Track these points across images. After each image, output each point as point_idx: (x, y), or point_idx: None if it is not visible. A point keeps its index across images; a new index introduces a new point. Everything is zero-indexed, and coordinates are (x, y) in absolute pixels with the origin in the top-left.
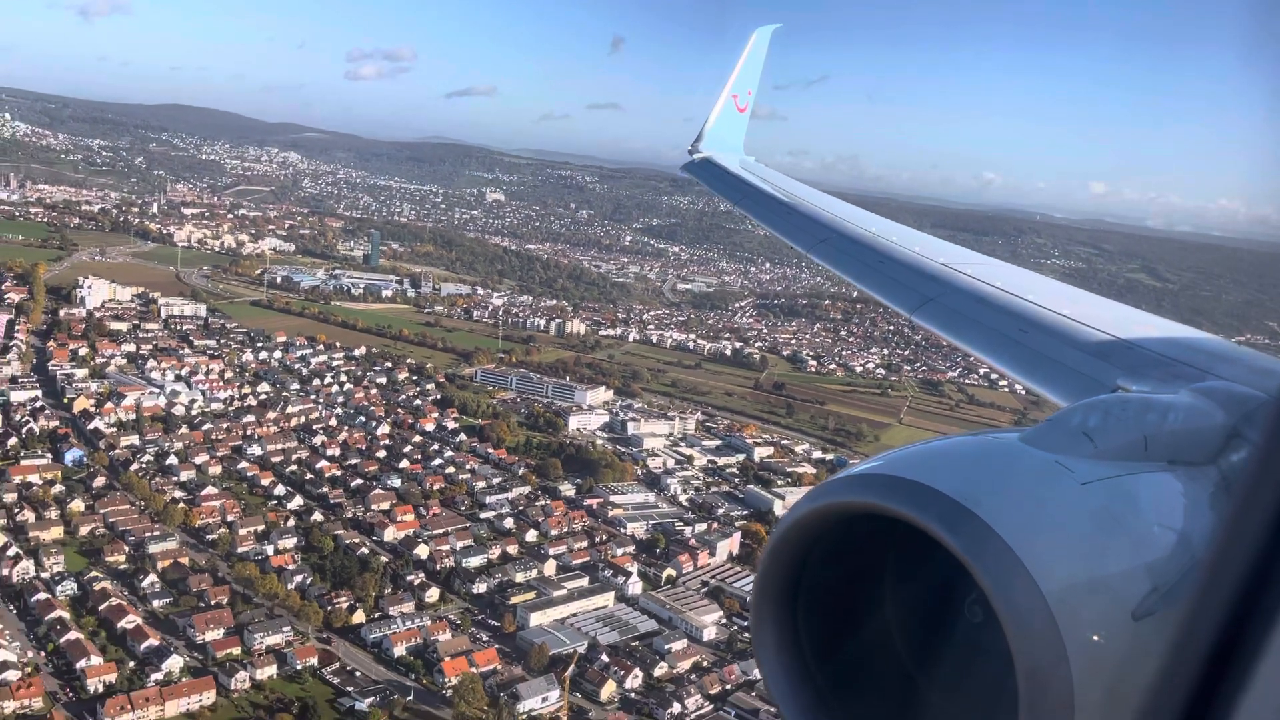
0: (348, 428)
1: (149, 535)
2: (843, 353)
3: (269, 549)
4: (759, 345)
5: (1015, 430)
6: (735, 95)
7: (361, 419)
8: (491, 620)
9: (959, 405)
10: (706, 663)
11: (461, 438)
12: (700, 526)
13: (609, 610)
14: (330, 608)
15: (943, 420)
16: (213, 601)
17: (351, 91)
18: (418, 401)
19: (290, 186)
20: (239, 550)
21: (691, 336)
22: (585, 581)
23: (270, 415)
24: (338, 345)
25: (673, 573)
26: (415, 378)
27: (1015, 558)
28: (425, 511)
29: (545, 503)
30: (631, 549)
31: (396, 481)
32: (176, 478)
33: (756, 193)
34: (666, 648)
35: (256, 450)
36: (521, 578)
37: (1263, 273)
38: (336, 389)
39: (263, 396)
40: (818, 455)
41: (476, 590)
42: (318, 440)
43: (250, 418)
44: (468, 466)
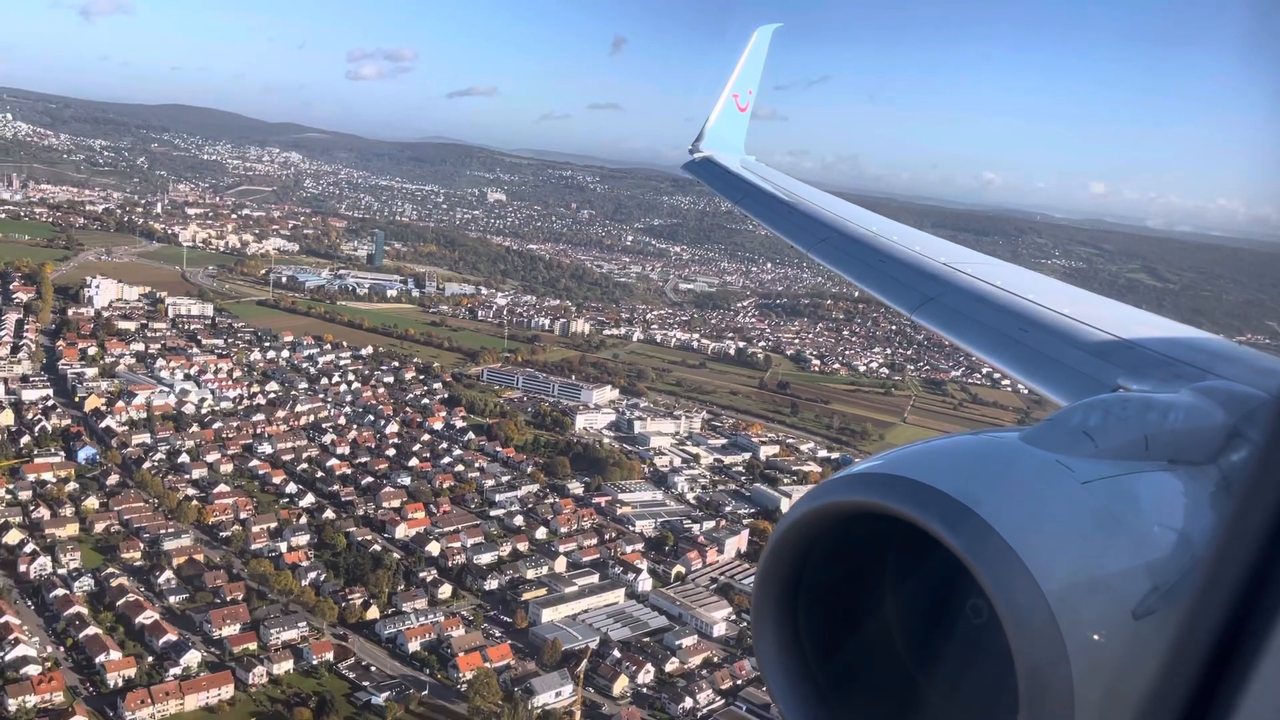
0: (357, 426)
1: (164, 532)
2: (846, 352)
3: (282, 546)
4: (762, 345)
5: (1016, 429)
6: (736, 95)
7: (370, 418)
8: (504, 616)
9: (962, 404)
10: (717, 658)
11: (470, 436)
12: (708, 524)
13: (620, 607)
14: (344, 604)
15: (947, 419)
16: (228, 597)
17: (352, 91)
18: (425, 400)
19: (292, 187)
20: (252, 547)
21: (695, 336)
22: (595, 578)
23: (280, 414)
24: (344, 345)
25: (682, 570)
26: (422, 377)
27: (1016, 557)
28: (436, 509)
29: (554, 500)
30: (640, 546)
31: (406, 479)
32: (189, 476)
33: (757, 192)
34: (677, 643)
35: (267, 448)
36: (532, 574)
37: (1263, 272)
38: (345, 388)
39: (272, 395)
40: (823, 454)
41: (488, 587)
42: (327, 439)
43: (260, 416)
44: (476, 465)
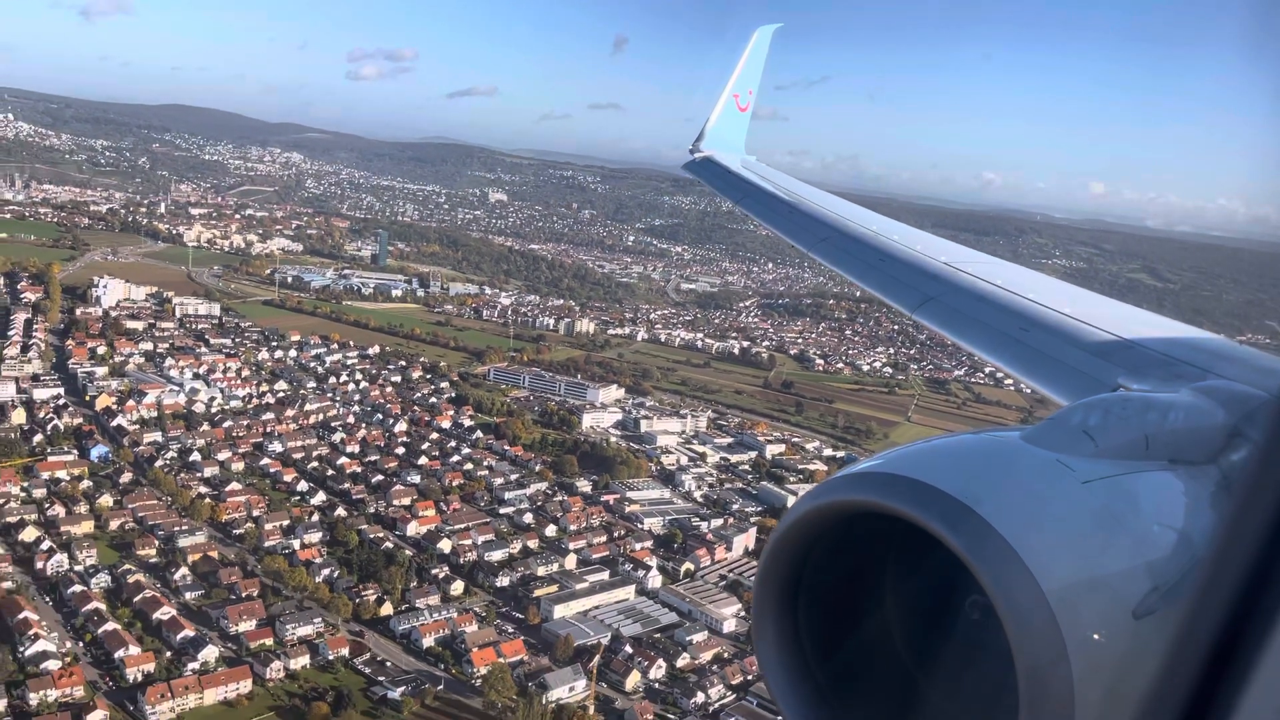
0: (366, 425)
1: (178, 529)
2: (849, 352)
3: (295, 543)
4: (766, 344)
5: (1016, 429)
6: (736, 95)
7: (379, 416)
8: (516, 613)
9: (966, 404)
10: (727, 654)
11: (478, 435)
12: (716, 522)
13: (630, 603)
14: (358, 600)
15: (950, 418)
16: (243, 594)
17: (353, 92)
18: (433, 399)
19: (294, 187)
20: (266, 544)
21: (699, 335)
22: (606, 575)
23: (289, 413)
24: (351, 344)
25: (691, 567)
26: (429, 376)
27: (1016, 556)
28: (446, 507)
29: (563, 498)
30: (649, 544)
31: (416, 478)
32: (201, 474)
33: (758, 192)
34: (688, 639)
35: (277, 447)
36: (543, 571)
37: (1263, 272)
38: (352, 387)
39: (280, 394)
40: (828, 453)
41: (500, 583)
42: (337, 437)
43: (269, 415)
44: (485, 463)
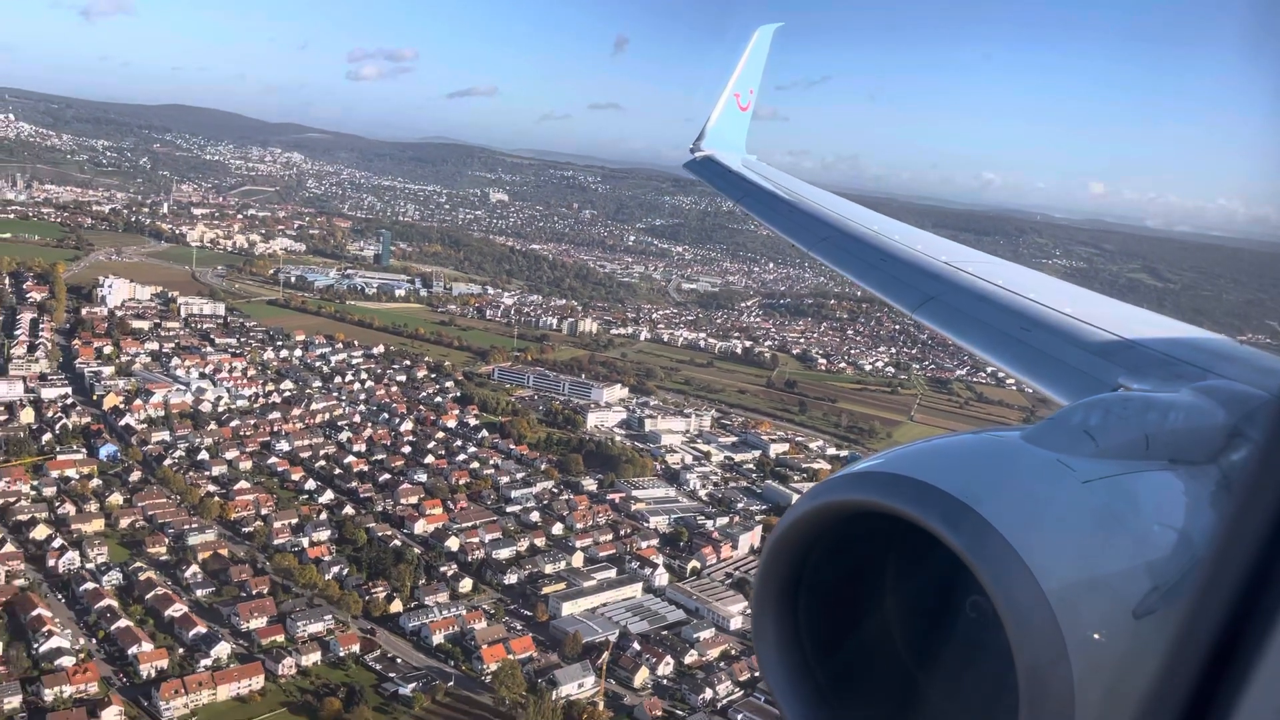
0: (372, 424)
1: (187, 528)
2: (851, 351)
3: (304, 541)
4: (768, 344)
5: (1017, 428)
6: (737, 94)
7: (385, 416)
8: (524, 610)
9: (968, 403)
10: (735, 651)
11: (483, 434)
12: (721, 520)
13: (637, 600)
14: (368, 598)
15: (953, 417)
16: (254, 591)
17: (353, 92)
18: (438, 399)
19: (295, 187)
20: (275, 542)
21: (701, 335)
22: (613, 573)
23: (295, 412)
24: (356, 344)
25: (697, 565)
26: (434, 375)
27: (1016, 556)
28: (453, 505)
29: (569, 497)
30: (655, 542)
31: (423, 476)
32: (209, 473)
33: (758, 191)
34: (695, 636)
35: (285, 446)
36: (551, 569)
37: (1263, 272)
38: (358, 386)
39: (287, 394)
40: (832, 451)
41: (508, 581)
42: (343, 436)
43: (276, 414)
44: (491, 462)
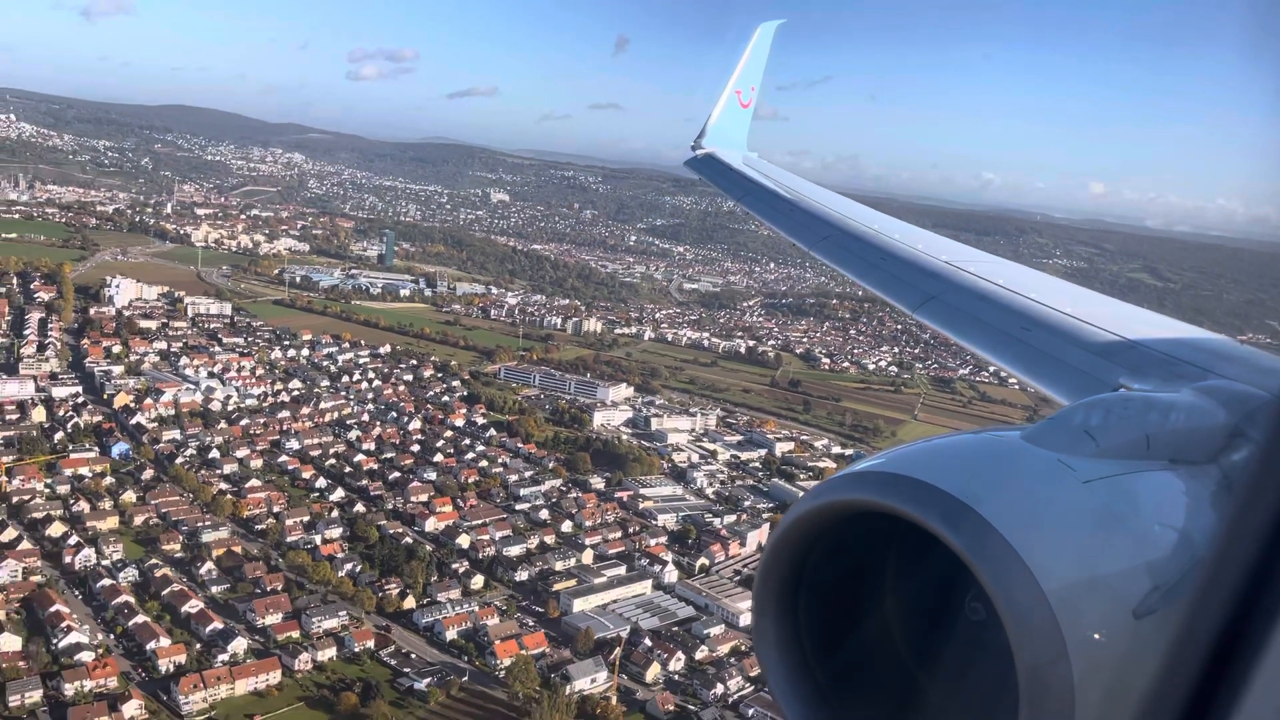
0: (380, 423)
1: (201, 525)
2: (854, 351)
3: (316, 539)
4: (771, 344)
5: (1017, 428)
6: (739, 91)
7: (393, 414)
8: (536, 606)
9: (971, 402)
10: (745, 647)
11: (491, 433)
12: (729, 518)
13: (647, 597)
14: (381, 594)
15: (957, 416)
16: (268, 588)
17: (354, 92)
18: (445, 398)
19: (296, 187)
20: (288, 539)
21: (705, 335)
22: (623, 570)
23: (304, 411)
24: (362, 343)
25: (705, 562)
26: (441, 375)
27: (1016, 555)
28: (463, 503)
29: (577, 495)
30: (664, 539)
31: (432, 475)
32: (220, 471)
33: (759, 189)
34: (706, 632)
35: (294, 444)
36: (561, 566)
37: (1263, 272)
38: (366, 386)
39: (295, 393)
40: (837, 450)
41: (519, 578)
42: (353, 435)
43: (285, 413)
44: (499, 460)
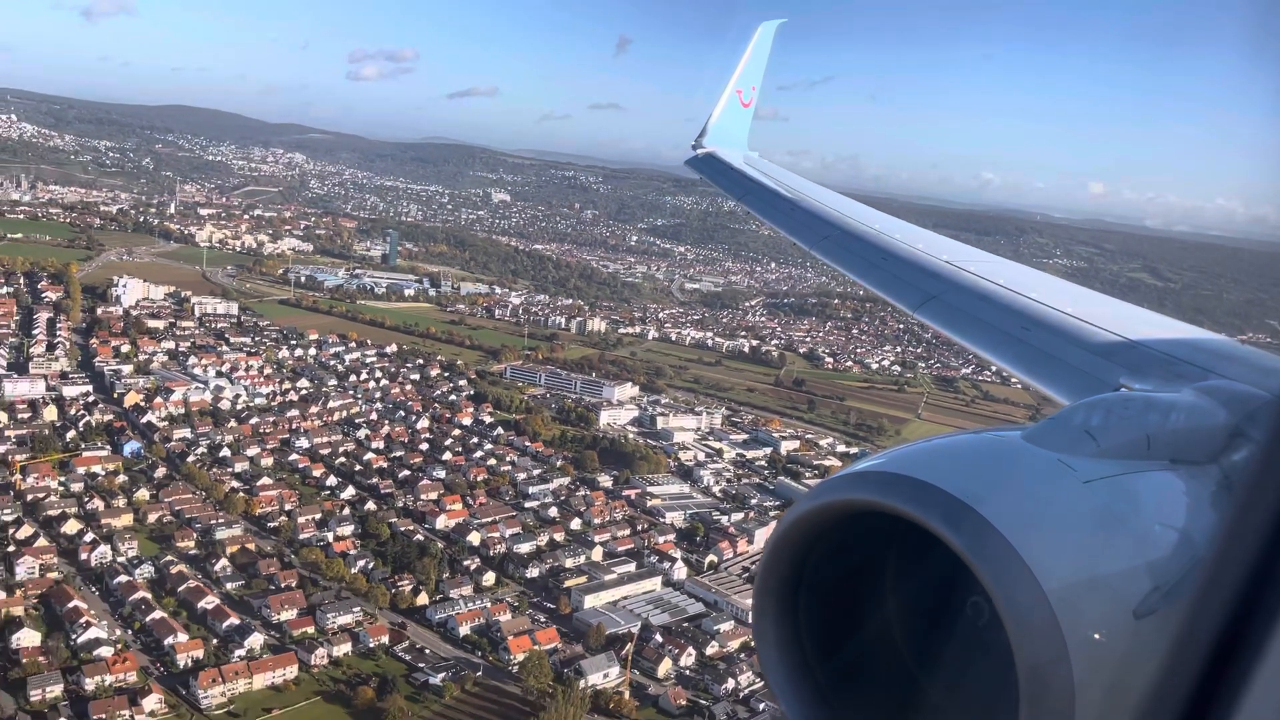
0: (389, 422)
1: (214, 522)
2: (857, 350)
3: (329, 536)
4: (775, 343)
5: (1018, 428)
6: (739, 90)
7: (401, 414)
8: (547, 603)
9: (974, 401)
10: (754, 643)
11: (498, 431)
12: (737, 516)
13: (657, 594)
14: (395, 590)
15: (960, 415)
16: (282, 584)
17: (354, 92)
18: (452, 397)
19: (298, 187)
20: (301, 537)
21: (709, 334)
22: (632, 567)
23: (313, 410)
24: (369, 343)
25: (714, 559)
26: (447, 374)
27: (1017, 555)
28: (472, 501)
29: (585, 493)
30: (672, 537)
31: (441, 473)
32: (232, 469)
33: (760, 188)
34: (715, 628)
35: (304, 443)
36: (571, 563)
37: (1263, 272)
38: (373, 385)
39: (303, 391)
40: (842, 449)
41: (530, 575)
42: (361, 434)
43: (294, 412)
44: (507, 459)
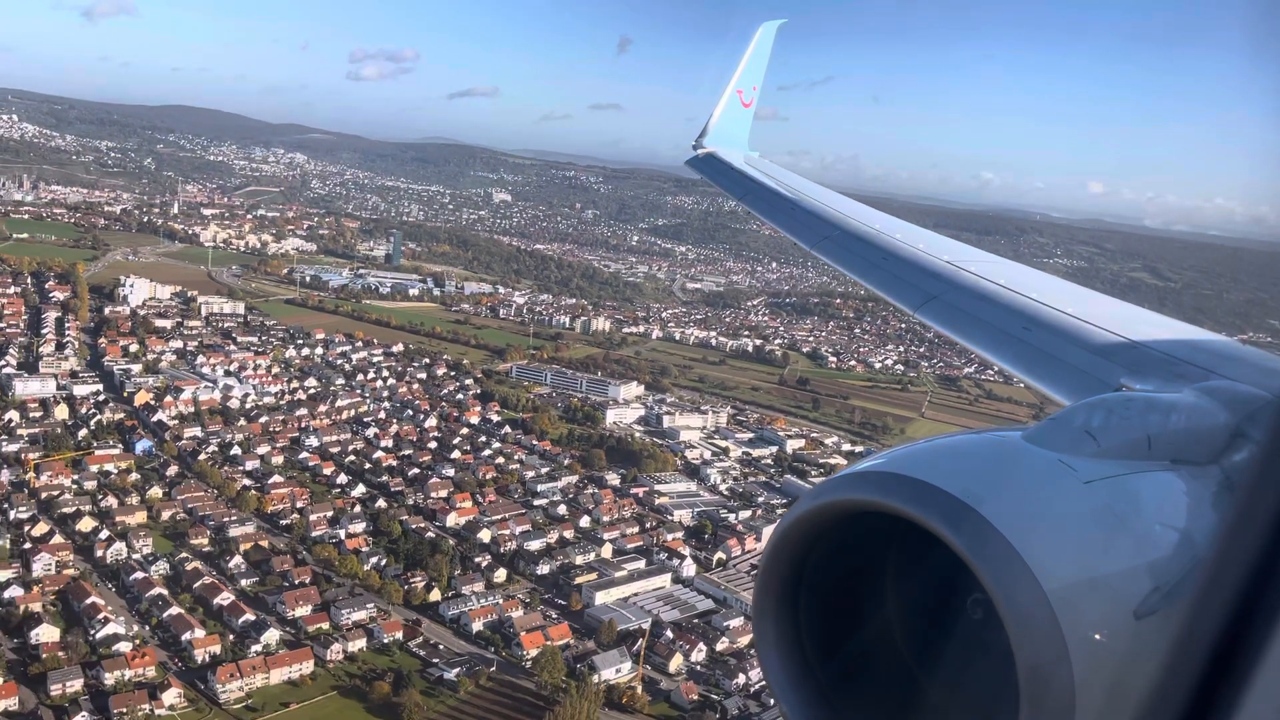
0: (397, 420)
1: (227, 520)
2: (860, 349)
3: (341, 533)
4: (778, 342)
5: (1018, 428)
6: (740, 91)
7: (409, 412)
8: (558, 599)
9: (977, 400)
10: (755, 643)
11: (506, 430)
12: (744, 514)
13: (667, 590)
14: (408, 587)
15: (963, 414)
16: (296, 581)
17: (354, 92)
18: (459, 396)
19: (299, 187)
20: (313, 534)
21: (713, 334)
22: (642, 564)
23: (321, 408)
24: (375, 342)
25: (723, 556)
26: (454, 373)
27: (1017, 556)
28: (482, 498)
29: (594, 491)
30: (681, 534)
31: (450, 471)
32: (243, 467)
33: (760, 188)
34: (725, 624)
35: (314, 441)
36: (581, 560)
37: (1263, 272)
38: (380, 384)
39: (311, 391)
40: (847, 447)
41: (540, 571)
42: (370, 432)
43: (303, 411)
44: (515, 457)
